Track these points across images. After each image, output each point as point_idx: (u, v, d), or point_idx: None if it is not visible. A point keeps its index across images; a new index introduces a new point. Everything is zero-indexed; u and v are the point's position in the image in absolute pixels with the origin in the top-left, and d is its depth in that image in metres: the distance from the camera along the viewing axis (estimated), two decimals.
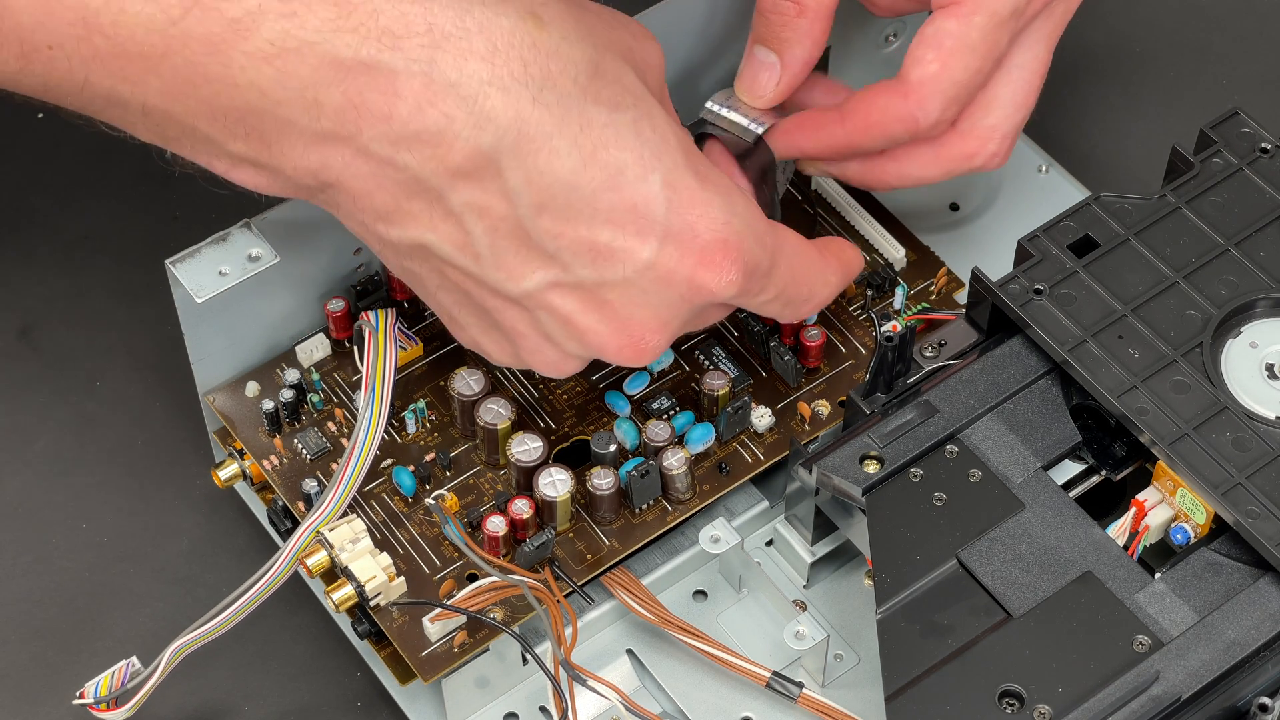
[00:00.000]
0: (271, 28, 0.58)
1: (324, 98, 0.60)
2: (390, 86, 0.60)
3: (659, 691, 0.73)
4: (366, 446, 0.70)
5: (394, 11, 0.59)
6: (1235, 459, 0.68)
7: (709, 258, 0.64)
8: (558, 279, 0.64)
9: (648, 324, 0.65)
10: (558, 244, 0.63)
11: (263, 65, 0.59)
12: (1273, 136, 0.75)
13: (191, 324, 0.73)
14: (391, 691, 0.74)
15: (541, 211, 0.62)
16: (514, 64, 0.61)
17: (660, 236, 0.63)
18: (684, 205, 0.64)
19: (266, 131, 0.61)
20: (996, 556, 0.68)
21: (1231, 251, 0.73)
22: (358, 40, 0.59)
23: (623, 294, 0.64)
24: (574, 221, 0.63)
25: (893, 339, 0.71)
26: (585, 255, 0.63)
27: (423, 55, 0.60)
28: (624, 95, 0.63)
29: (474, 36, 0.60)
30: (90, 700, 0.69)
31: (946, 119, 0.72)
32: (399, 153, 0.61)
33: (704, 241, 0.64)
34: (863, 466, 0.70)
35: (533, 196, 0.62)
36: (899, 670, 0.66)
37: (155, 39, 0.58)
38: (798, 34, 0.72)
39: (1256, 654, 0.66)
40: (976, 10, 0.70)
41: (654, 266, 0.64)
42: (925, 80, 0.70)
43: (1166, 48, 0.93)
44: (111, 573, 0.78)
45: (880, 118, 0.71)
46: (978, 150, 0.73)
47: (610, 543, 0.72)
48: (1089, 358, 0.70)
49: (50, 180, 0.88)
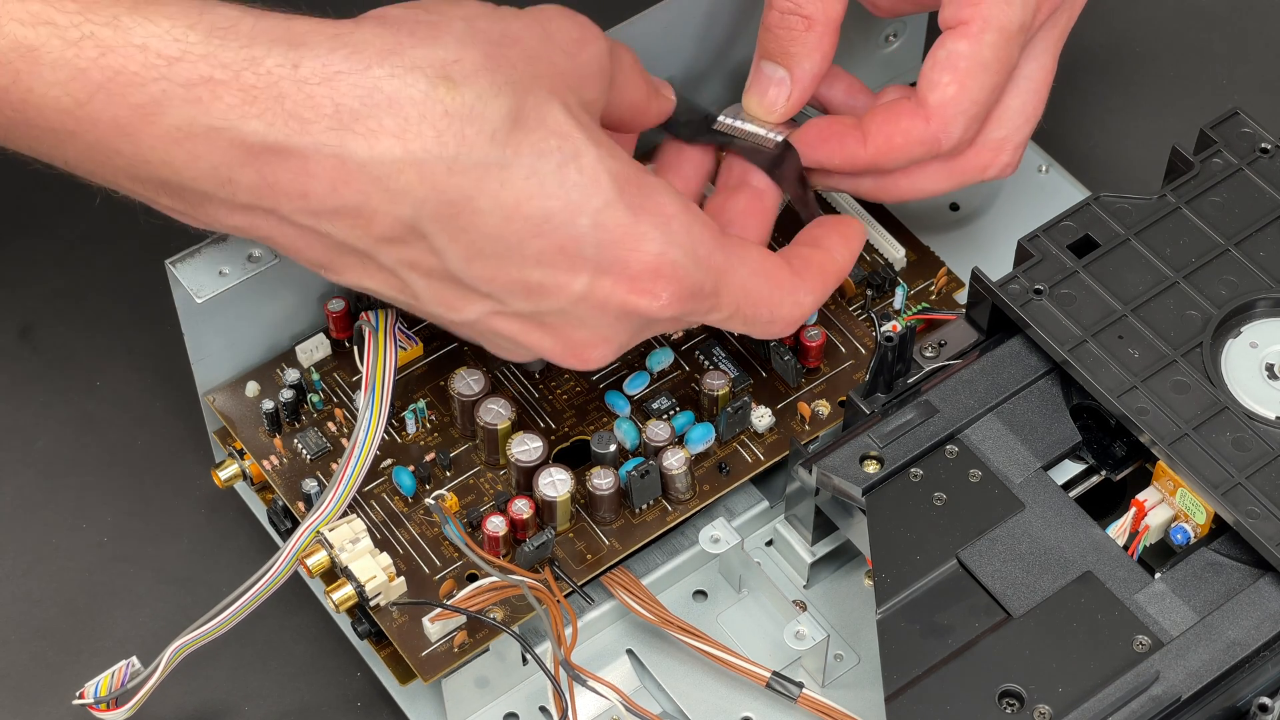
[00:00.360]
0: (177, 113, 0.59)
1: (237, 177, 0.60)
2: (302, 168, 0.60)
3: (659, 691, 0.73)
4: (366, 446, 0.70)
5: (299, 95, 0.59)
6: (1235, 459, 0.68)
7: (640, 286, 0.64)
8: (496, 310, 0.65)
9: (589, 341, 0.66)
10: (491, 286, 0.64)
11: (172, 147, 0.60)
12: (1273, 136, 0.75)
13: (191, 324, 0.73)
14: (391, 691, 0.74)
15: (471, 262, 0.63)
16: (426, 137, 0.60)
17: (591, 271, 0.64)
18: (613, 241, 0.64)
19: (188, 199, 0.62)
20: (996, 556, 0.68)
21: (1231, 251, 0.73)
22: (264, 125, 0.59)
23: (560, 320, 0.65)
24: (504, 267, 0.63)
25: (893, 339, 0.71)
26: (519, 293, 0.64)
27: (331, 138, 0.60)
28: (548, 139, 0.62)
29: (383, 114, 0.60)
30: (90, 700, 0.69)
31: (968, 138, 0.72)
32: (320, 223, 0.62)
33: (634, 272, 0.64)
34: (863, 466, 0.70)
35: (460, 251, 0.62)
36: (899, 670, 0.66)
37: (64, 119, 0.59)
38: (807, 48, 0.72)
39: (1256, 654, 0.66)
40: (986, 29, 0.70)
41: (586, 298, 0.64)
42: (945, 103, 0.71)
43: (1166, 48, 0.93)
44: (111, 573, 0.78)
45: (903, 140, 0.71)
46: (991, 162, 0.74)
47: (610, 543, 0.72)
48: (1089, 358, 0.70)
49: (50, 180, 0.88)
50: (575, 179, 0.63)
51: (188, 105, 0.59)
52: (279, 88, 0.59)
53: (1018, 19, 0.70)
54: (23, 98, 0.59)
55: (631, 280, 0.64)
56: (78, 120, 0.59)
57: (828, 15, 0.71)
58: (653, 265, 0.64)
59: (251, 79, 0.59)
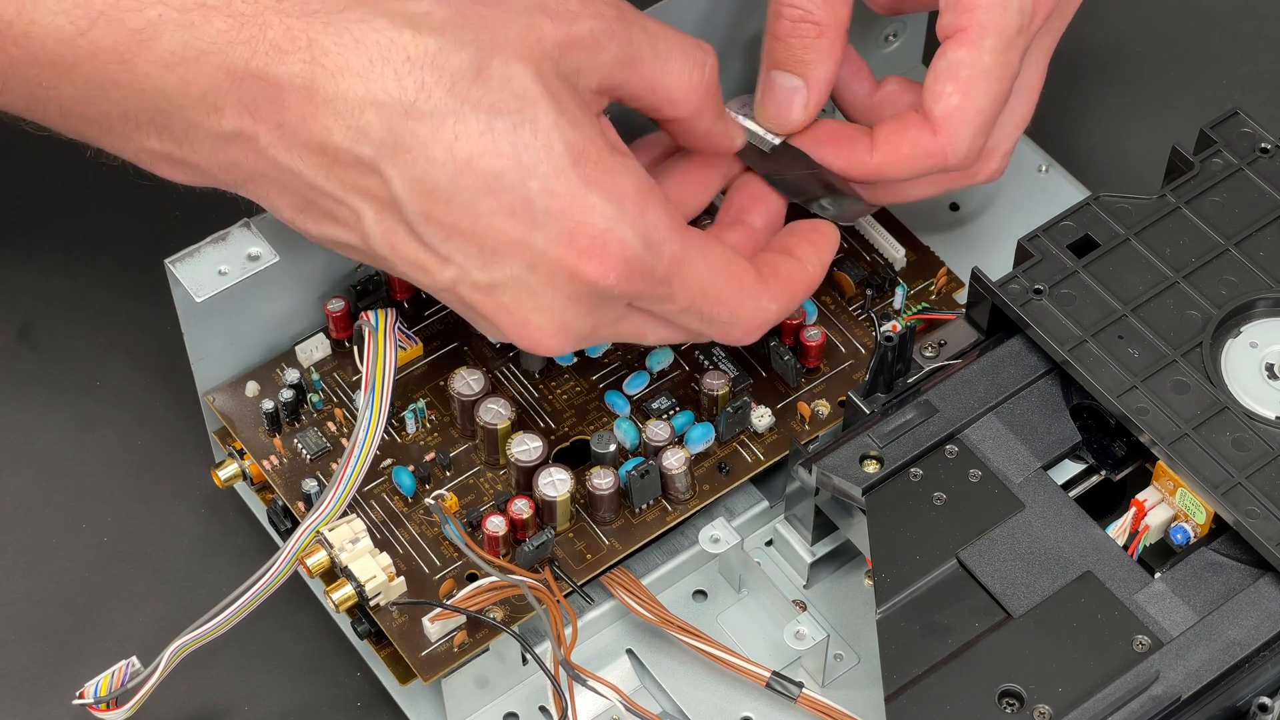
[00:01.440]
0: (171, 38, 0.62)
1: (223, 103, 0.63)
2: (278, 97, 0.63)
3: (659, 691, 0.73)
4: (366, 446, 0.70)
5: (280, 26, 0.62)
6: (1235, 459, 0.68)
7: (587, 255, 0.65)
8: (458, 278, 0.65)
9: (544, 328, 0.66)
10: (448, 245, 0.64)
11: (165, 73, 0.62)
12: (1273, 136, 0.75)
13: (191, 324, 0.73)
14: (391, 691, 0.74)
15: (427, 215, 0.64)
16: (387, 79, 0.62)
17: (541, 237, 0.64)
18: (561, 210, 0.64)
19: (175, 130, 0.64)
20: (996, 556, 0.68)
21: (1231, 251, 0.73)
22: (248, 52, 0.62)
23: (515, 296, 0.65)
24: (458, 222, 0.64)
25: (893, 339, 0.71)
26: (474, 256, 0.65)
27: (304, 71, 0.62)
28: (507, 100, 0.63)
29: (349, 53, 0.62)
30: (90, 700, 0.69)
31: (975, 149, 0.72)
32: (294, 159, 0.64)
33: (581, 245, 0.64)
34: (863, 466, 0.70)
35: (415, 202, 0.64)
36: (899, 670, 0.66)
37: (65, 49, 0.62)
38: (820, 54, 0.71)
39: (1256, 654, 0.66)
40: (984, 35, 0.70)
41: (536, 267, 0.65)
42: (951, 114, 0.70)
43: (1166, 48, 0.93)
44: (111, 573, 0.78)
45: (910, 151, 0.71)
46: (980, 169, 0.74)
47: (610, 543, 0.72)
48: (1089, 358, 0.70)
49: (50, 180, 0.88)
50: (529, 141, 0.63)
51: (181, 30, 0.62)
52: (264, 17, 0.62)
53: (1015, 23, 0.70)
54: (25, 30, 0.62)
55: (579, 251, 0.64)
56: (77, 50, 0.62)
57: (838, 19, 0.71)
58: (599, 238, 0.64)
59: (241, 6, 0.62)
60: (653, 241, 0.65)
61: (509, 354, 0.77)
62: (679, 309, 0.68)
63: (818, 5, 0.71)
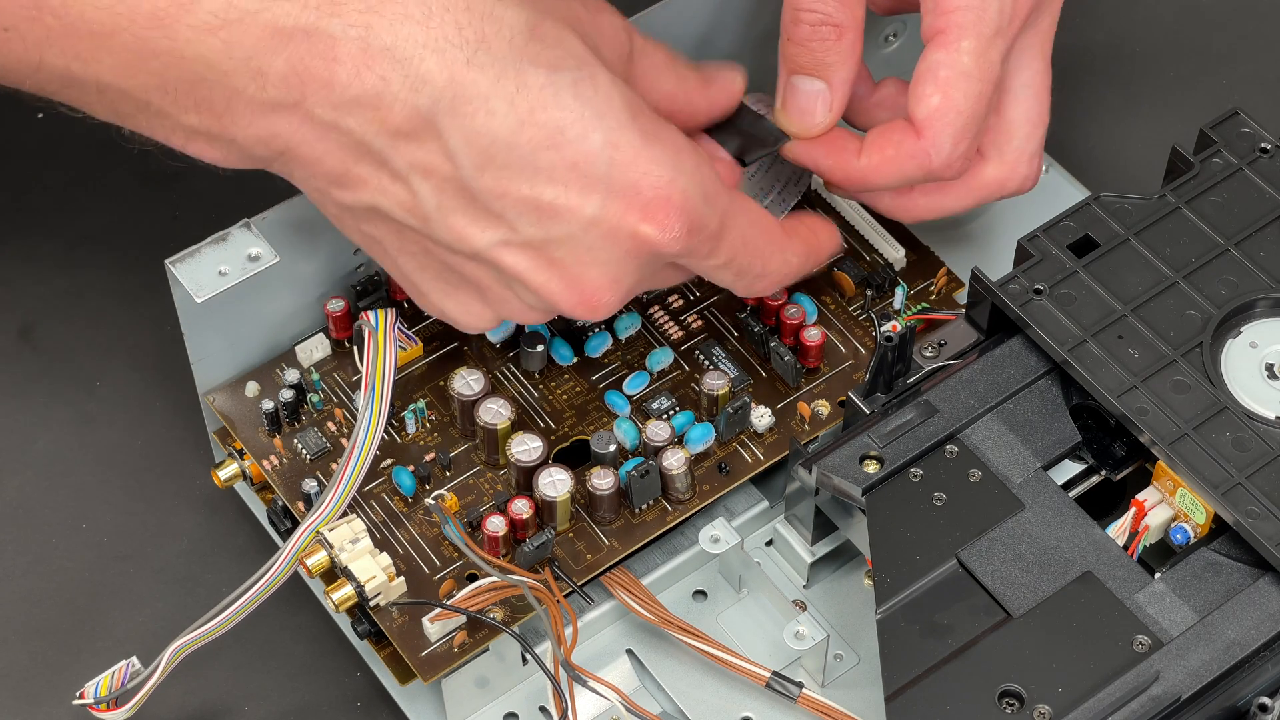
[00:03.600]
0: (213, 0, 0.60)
1: (268, 66, 0.61)
2: (329, 52, 0.61)
3: (659, 691, 0.73)
4: (366, 446, 0.70)
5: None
6: (1235, 459, 0.68)
7: (652, 212, 0.65)
8: (506, 238, 0.65)
9: (598, 281, 0.66)
10: (502, 203, 0.64)
11: (207, 37, 0.61)
12: (1273, 136, 0.75)
13: (191, 324, 0.73)
14: (391, 691, 0.74)
15: (483, 171, 0.63)
16: (448, 27, 0.62)
17: (603, 193, 0.64)
18: (626, 163, 0.64)
19: (216, 102, 0.62)
20: (996, 556, 0.68)
21: (1231, 251, 0.73)
22: (297, 8, 0.61)
23: (570, 251, 0.65)
24: (515, 180, 0.64)
25: (893, 339, 0.71)
26: (530, 213, 0.64)
27: (359, 20, 0.61)
28: (565, 58, 0.64)
29: (409, 1, 0.61)
30: (90, 700, 0.69)
31: (958, 153, 0.71)
32: (342, 117, 0.62)
33: (647, 198, 0.65)
34: (863, 466, 0.70)
35: (473, 157, 0.63)
36: (899, 670, 0.66)
37: (104, 16, 0.60)
38: (841, 56, 0.72)
39: (1256, 654, 0.66)
40: (962, 36, 0.70)
41: (598, 222, 0.64)
42: (932, 115, 0.71)
43: (1166, 48, 0.93)
44: (111, 573, 0.78)
45: (895, 153, 0.71)
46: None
47: (610, 543, 0.72)
48: (1089, 358, 0.70)
49: (50, 180, 0.88)
50: (590, 95, 0.64)
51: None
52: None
53: (992, 24, 0.70)
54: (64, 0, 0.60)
55: (644, 206, 0.65)
56: (116, 17, 0.60)
57: (855, 19, 0.71)
58: (664, 192, 0.65)
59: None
60: (709, 193, 0.66)
61: (509, 354, 0.77)
62: (720, 263, 0.69)
63: (836, 8, 0.71)
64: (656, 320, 0.78)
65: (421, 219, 0.65)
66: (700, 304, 0.78)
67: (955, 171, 0.72)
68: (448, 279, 0.67)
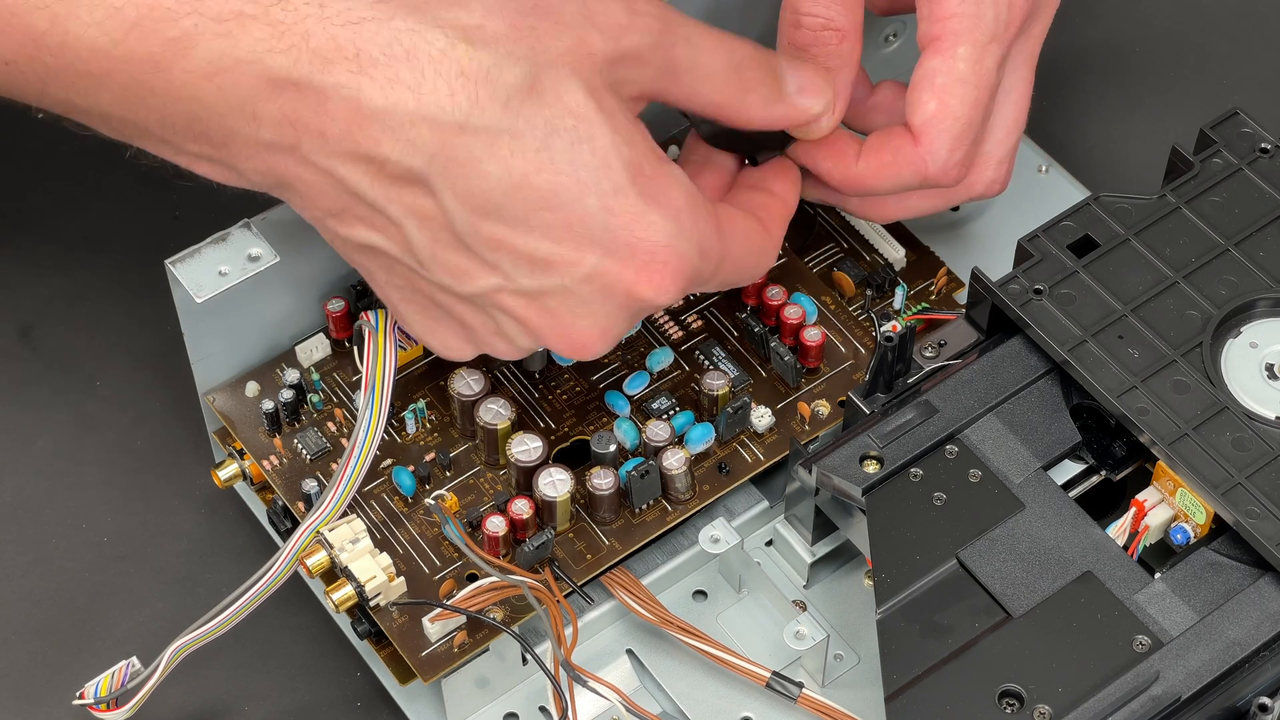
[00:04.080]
0: (208, 47, 0.61)
1: (262, 112, 0.62)
2: (321, 106, 0.61)
3: (659, 691, 0.73)
4: (366, 446, 0.70)
5: (324, 34, 0.61)
6: (1235, 459, 0.68)
7: (648, 275, 0.65)
8: (500, 285, 0.65)
9: (588, 332, 0.66)
10: (497, 255, 0.64)
11: (202, 82, 0.61)
12: (1273, 136, 0.75)
13: (191, 324, 0.73)
14: (391, 691, 0.74)
15: (478, 225, 0.63)
16: (440, 93, 0.61)
17: (599, 253, 0.64)
18: (622, 226, 0.64)
19: (214, 137, 0.63)
20: (996, 556, 0.68)
21: (1231, 251, 0.73)
22: (289, 61, 0.61)
23: (563, 302, 0.65)
24: (510, 234, 0.63)
25: (893, 339, 0.71)
26: (525, 265, 0.64)
27: (350, 81, 0.61)
28: (562, 116, 0.63)
29: (400, 65, 0.61)
30: (90, 700, 0.69)
31: (954, 160, 0.71)
32: (336, 166, 0.62)
33: (642, 260, 0.64)
34: (863, 466, 0.70)
35: (467, 213, 0.63)
36: (899, 670, 0.66)
37: (100, 59, 0.61)
38: (843, 59, 0.71)
39: (1256, 654, 0.66)
40: (957, 42, 0.70)
41: (592, 279, 0.64)
42: (928, 122, 0.71)
43: (1166, 48, 0.93)
44: (111, 573, 0.78)
45: (892, 160, 0.71)
46: (976, 179, 0.74)
47: (610, 543, 0.72)
48: (1089, 358, 0.70)
49: (50, 180, 0.88)
50: (587, 159, 0.63)
51: (218, 39, 0.60)
52: (305, 25, 0.61)
53: (988, 31, 0.70)
54: (61, 40, 0.61)
55: (640, 268, 0.65)
56: (112, 60, 0.61)
57: (855, 22, 0.71)
58: (661, 256, 0.65)
59: (280, 15, 0.61)
60: (705, 249, 0.66)
61: None
62: (710, 289, 0.69)
63: (837, 11, 0.71)
64: (656, 320, 0.78)
65: (418, 261, 0.65)
66: (700, 304, 0.78)
67: (952, 178, 0.72)
68: (433, 315, 0.67)
